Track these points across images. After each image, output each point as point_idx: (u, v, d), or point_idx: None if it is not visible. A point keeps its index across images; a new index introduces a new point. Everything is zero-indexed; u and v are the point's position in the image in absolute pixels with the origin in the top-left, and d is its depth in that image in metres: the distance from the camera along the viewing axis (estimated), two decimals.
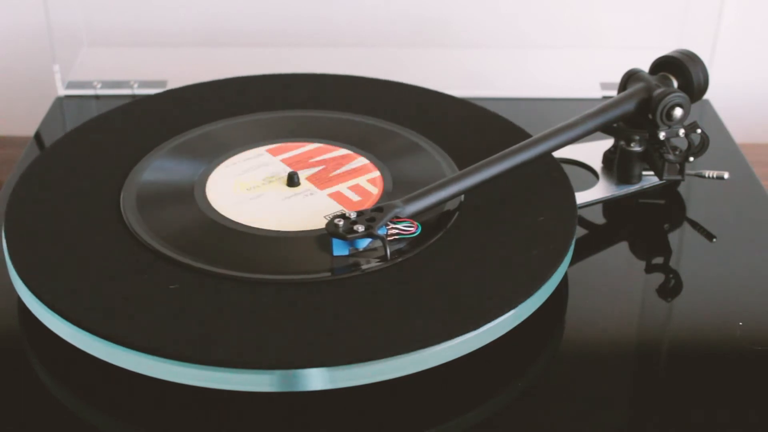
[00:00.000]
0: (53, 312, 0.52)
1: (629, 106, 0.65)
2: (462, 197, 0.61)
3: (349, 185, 0.63)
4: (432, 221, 0.59)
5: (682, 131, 0.66)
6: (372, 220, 0.56)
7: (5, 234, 0.58)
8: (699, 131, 0.66)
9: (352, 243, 0.56)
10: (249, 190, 0.63)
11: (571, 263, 0.60)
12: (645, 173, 0.69)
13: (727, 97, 0.86)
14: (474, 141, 0.67)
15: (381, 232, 0.56)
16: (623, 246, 0.65)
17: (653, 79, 0.66)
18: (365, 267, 0.55)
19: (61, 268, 0.55)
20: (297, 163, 0.65)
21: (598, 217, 0.68)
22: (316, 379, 0.49)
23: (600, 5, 0.94)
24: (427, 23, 0.94)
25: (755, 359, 0.55)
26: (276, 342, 0.50)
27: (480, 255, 0.56)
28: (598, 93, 0.84)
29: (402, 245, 0.57)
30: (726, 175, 0.68)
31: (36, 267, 0.55)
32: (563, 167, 0.65)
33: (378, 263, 0.55)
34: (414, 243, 0.57)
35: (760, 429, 0.51)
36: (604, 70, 0.86)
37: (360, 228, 0.55)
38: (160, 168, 0.65)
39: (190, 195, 0.62)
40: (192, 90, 0.75)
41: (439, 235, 0.58)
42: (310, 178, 0.64)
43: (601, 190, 0.69)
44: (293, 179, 0.63)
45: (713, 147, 0.68)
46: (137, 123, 0.71)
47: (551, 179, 0.63)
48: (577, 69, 0.89)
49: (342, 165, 0.65)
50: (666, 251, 0.64)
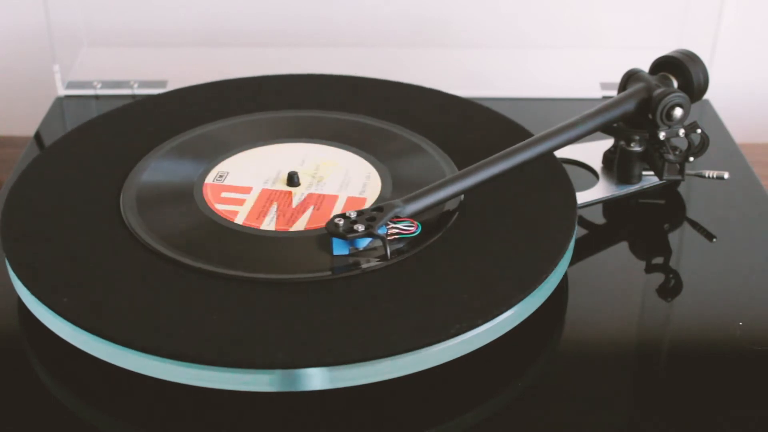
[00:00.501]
0: (53, 312, 0.52)
1: (629, 106, 0.65)
2: (462, 197, 0.61)
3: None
4: (432, 221, 0.59)
5: (682, 131, 0.66)
6: (372, 219, 0.56)
7: (4, 234, 0.58)
8: (699, 131, 0.66)
9: (352, 242, 0.56)
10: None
11: (571, 263, 0.60)
12: (645, 173, 0.69)
13: (727, 97, 0.86)
14: (474, 141, 0.67)
15: (381, 231, 0.56)
16: (623, 246, 0.65)
17: (653, 79, 0.66)
18: (365, 266, 0.55)
19: (61, 267, 0.55)
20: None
21: (598, 217, 0.67)
22: (316, 379, 0.49)
23: (600, 5, 0.94)
24: (427, 23, 0.94)
25: (755, 359, 0.55)
26: (276, 342, 0.50)
27: (480, 255, 0.56)
28: (598, 93, 0.84)
29: (402, 245, 0.56)
30: (726, 175, 0.68)
31: (35, 267, 0.55)
32: (563, 167, 0.65)
33: (378, 263, 0.55)
34: (414, 243, 0.57)
35: (760, 429, 0.51)
36: (604, 70, 0.86)
37: (360, 227, 0.55)
38: (159, 168, 0.65)
39: (189, 195, 0.62)
40: (192, 90, 0.75)
41: (439, 235, 0.58)
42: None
43: (601, 190, 0.69)
44: (293, 179, 0.63)
45: (713, 147, 0.68)
46: (137, 123, 0.71)
47: (551, 179, 0.63)
48: (577, 69, 0.89)
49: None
50: (666, 251, 0.64)
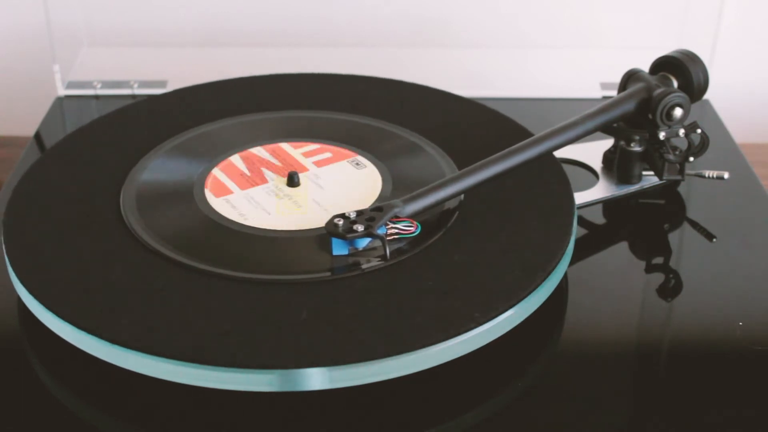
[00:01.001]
0: (53, 312, 0.52)
1: (629, 106, 0.65)
2: (462, 197, 0.61)
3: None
4: (432, 221, 0.59)
5: (682, 131, 0.66)
6: (371, 219, 0.56)
7: (5, 234, 0.58)
8: (699, 131, 0.66)
9: (351, 242, 0.56)
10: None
11: (571, 263, 0.60)
12: (645, 173, 0.69)
13: (727, 97, 0.86)
14: (474, 141, 0.67)
15: (380, 231, 0.56)
16: (623, 246, 0.65)
17: (653, 79, 0.66)
18: (365, 266, 0.55)
19: (61, 268, 0.55)
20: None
21: (598, 217, 0.67)
22: (316, 379, 0.49)
23: (600, 5, 0.94)
24: (427, 23, 0.94)
25: (755, 359, 0.55)
26: (275, 342, 0.50)
27: (479, 255, 0.56)
28: (598, 93, 0.84)
29: (401, 245, 0.56)
30: (726, 175, 0.68)
31: (36, 267, 0.55)
32: (563, 167, 0.65)
33: (378, 263, 0.55)
34: (413, 243, 0.57)
35: (760, 429, 0.51)
36: (604, 70, 0.86)
37: (359, 227, 0.55)
38: (160, 168, 0.65)
39: (189, 195, 0.62)
40: (192, 90, 0.75)
41: (439, 235, 0.58)
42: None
43: (601, 190, 0.69)
44: (293, 179, 0.63)
45: (713, 147, 0.68)
46: (137, 123, 0.71)
47: (551, 179, 0.63)
48: (577, 69, 0.89)
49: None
50: (666, 251, 0.64)
